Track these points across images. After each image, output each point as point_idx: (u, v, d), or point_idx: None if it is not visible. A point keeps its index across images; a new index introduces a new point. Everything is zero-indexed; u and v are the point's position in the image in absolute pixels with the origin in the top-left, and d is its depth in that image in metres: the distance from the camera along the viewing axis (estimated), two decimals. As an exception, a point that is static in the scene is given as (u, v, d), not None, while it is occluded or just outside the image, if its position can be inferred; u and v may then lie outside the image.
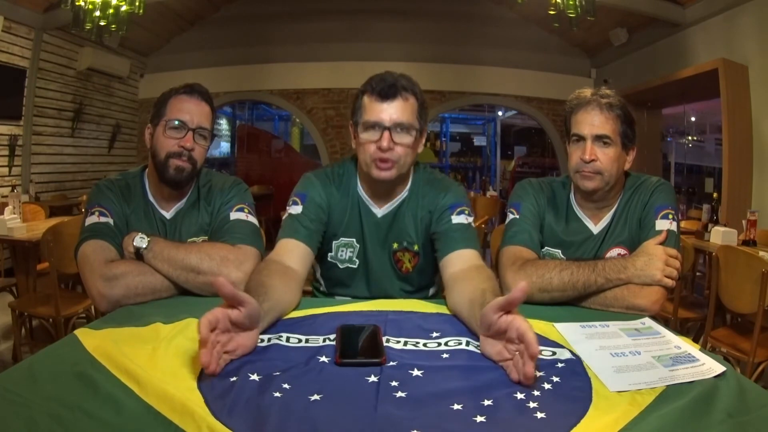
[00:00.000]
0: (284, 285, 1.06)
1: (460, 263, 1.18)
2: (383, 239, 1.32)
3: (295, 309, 1.08)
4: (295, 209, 1.27)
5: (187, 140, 1.24)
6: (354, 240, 1.33)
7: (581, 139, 1.26)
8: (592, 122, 1.25)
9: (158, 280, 1.16)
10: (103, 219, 1.22)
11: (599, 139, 1.24)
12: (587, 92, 1.30)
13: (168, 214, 1.32)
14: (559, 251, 1.34)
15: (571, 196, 1.37)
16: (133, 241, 1.17)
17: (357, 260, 1.33)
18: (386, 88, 1.19)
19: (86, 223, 1.23)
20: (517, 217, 1.34)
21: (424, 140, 1.28)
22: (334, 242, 1.33)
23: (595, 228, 1.33)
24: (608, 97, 1.26)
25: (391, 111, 1.19)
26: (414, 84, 1.25)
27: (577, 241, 1.34)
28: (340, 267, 1.34)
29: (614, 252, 1.30)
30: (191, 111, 1.26)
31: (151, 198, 1.32)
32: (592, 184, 1.25)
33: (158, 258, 1.16)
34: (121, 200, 1.28)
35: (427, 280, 1.40)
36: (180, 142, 1.24)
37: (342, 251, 1.33)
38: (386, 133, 1.18)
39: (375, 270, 1.34)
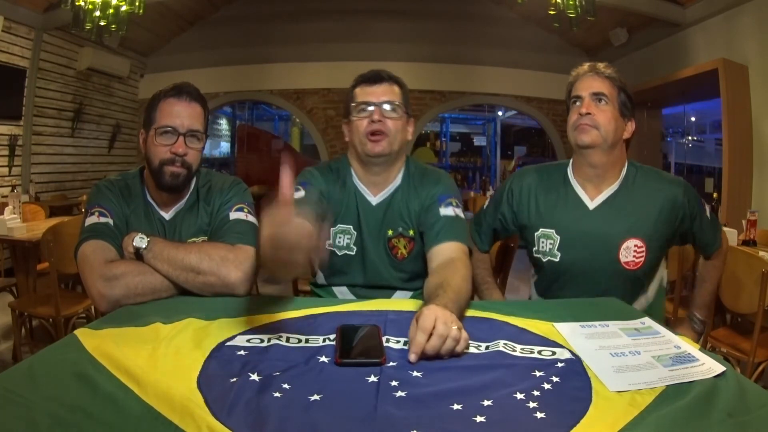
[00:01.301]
0: None
1: (440, 257, 1.24)
2: (378, 227, 1.37)
3: (295, 308, 1.08)
4: (298, 194, 1.32)
5: (178, 146, 1.23)
6: (351, 227, 1.38)
7: (579, 99, 1.33)
8: (590, 84, 1.33)
9: (158, 280, 1.16)
10: (102, 219, 1.22)
11: (596, 96, 1.31)
12: (585, 65, 1.39)
13: (167, 216, 1.32)
14: (553, 230, 1.37)
15: (568, 170, 1.41)
16: (132, 241, 1.17)
17: (354, 247, 1.38)
18: (374, 76, 1.35)
19: (86, 224, 1.22)
20: (481, 211, 1.53)
21: (412, 130, 1.40)
22: (332, 229, 1.37)
23: (591, 203, 1.35)
24: (604, 67, 1.35)
25: (379, 92, 1.33)
26: (398, 78, 1.38)
27: (571, 218, 1.36)
28: (339, 254, 1.38)
29: (630, 243, 1.31)
30: (180, 114, 1.24)
31: (150, 199, 1.32)
32: (588, 137, 1.30)
33: (158, 258, 1.16)
34: (121, 201, 1.28)
35: (421, 268, 1.41)
36: (171, 148, 1.23)
37: (340, 238, 1.38)
38: (376, 108, 1.31)
39: (371, 257, 1.37)
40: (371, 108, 1.31)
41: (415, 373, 0.78)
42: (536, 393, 0.72)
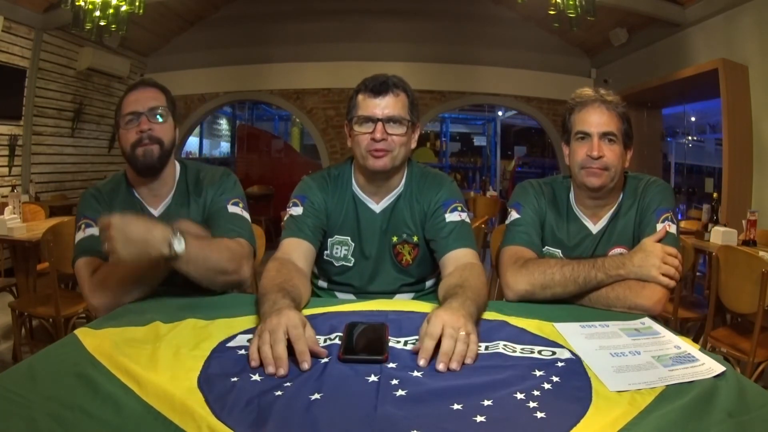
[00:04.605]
0: (304, 285, 1.14)
1: (455, 263, 1.23)
2: (382, 234, 1.36)
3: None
4: (296, 210, 1.32)
5: (141, 124, 1.25)
6: (349, 238, 1.36)
7: (587, 136, 1.26)
8: (599, 120, 1.26)
9: (127, 272, 1.13)
10: (89, 231, 1.25)
11: (605, 136, 1.25)
12: (589, 91, 1.31)
13: (156, 212, 1.32)
14: (559, 251, 1.35)
15: (571, 195, 1.37)
16: (169, 243, 1.05)
17: (352, 258, 1.37)
18: (378, 85, 1.27)
19: (76, 240, 1.26)
20: (519, 217, 1.35)
21: (417, 136, 1.36)
22: (329, 239, 1.37)
23: (594, 228, 1.34)
24: (610, 96, 1.28)
25: (383, 105, 1.27)
26: (405, 83, 1.32)
27: (576, 241, 1.34)
28: (336, 265, 1.38)
29: (616, 251, 1.31)
30: (139, 99, 1.27)
31: (138, 195, 1.33)
32: (599, 180, 1.25)
33: (191, 262, 1.10)
34: (106, 206, 1.28)
35: (426, 272, 1.42)
36: (136, 129, 1.25)
37: (337, 249, 1.37)
38: (379, 125, 1.25)
39: (373, 265, 1.36)
40: (374, 123, 1.26)
41: (415, 373, 0.78)
42: (536, 393, 0.72)
